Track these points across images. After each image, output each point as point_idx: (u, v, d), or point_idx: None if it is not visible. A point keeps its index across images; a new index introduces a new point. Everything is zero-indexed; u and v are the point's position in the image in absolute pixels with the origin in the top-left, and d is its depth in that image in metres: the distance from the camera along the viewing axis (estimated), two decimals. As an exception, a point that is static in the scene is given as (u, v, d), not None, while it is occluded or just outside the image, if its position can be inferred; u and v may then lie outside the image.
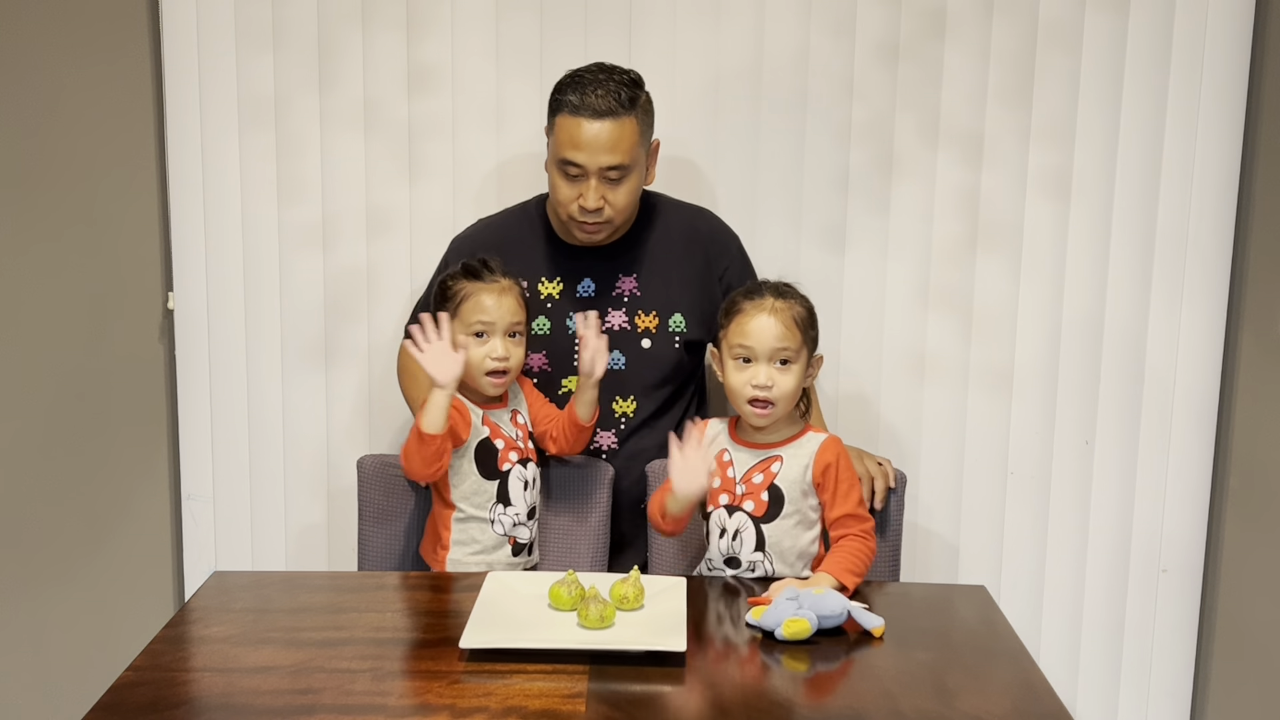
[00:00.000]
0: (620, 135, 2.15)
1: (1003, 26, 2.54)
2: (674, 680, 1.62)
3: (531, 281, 2.30)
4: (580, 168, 2.16)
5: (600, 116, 2.14)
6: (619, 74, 2.19)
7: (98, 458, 2.70)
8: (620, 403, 2.31)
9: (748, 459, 2.03)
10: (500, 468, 2.13)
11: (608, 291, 2.31)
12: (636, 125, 2.17)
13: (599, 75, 2.18)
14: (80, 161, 2.61)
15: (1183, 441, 2.65)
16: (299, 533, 2.72)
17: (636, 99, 2.18)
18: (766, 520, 1.99)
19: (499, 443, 2.14)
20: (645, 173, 2.26)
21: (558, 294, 2.31)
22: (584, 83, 2.16)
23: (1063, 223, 2.60)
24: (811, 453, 2.01)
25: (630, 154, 2.17)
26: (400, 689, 1.59)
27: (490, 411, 2.16)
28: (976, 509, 2.69)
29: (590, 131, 2.14)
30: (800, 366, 2.00)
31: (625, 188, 2.19)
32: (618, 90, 2.15)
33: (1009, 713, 1.56)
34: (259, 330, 2.66)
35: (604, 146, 2.14)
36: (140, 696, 1.57)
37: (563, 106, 2.17)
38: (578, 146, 2.15)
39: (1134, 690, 2.72)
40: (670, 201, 2.40)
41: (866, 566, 1.95)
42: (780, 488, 1.99)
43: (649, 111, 2.23)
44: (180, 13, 2.55)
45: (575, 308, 2.29)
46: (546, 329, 2.31)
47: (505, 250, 2.26)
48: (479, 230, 2.40)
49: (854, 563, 1.93)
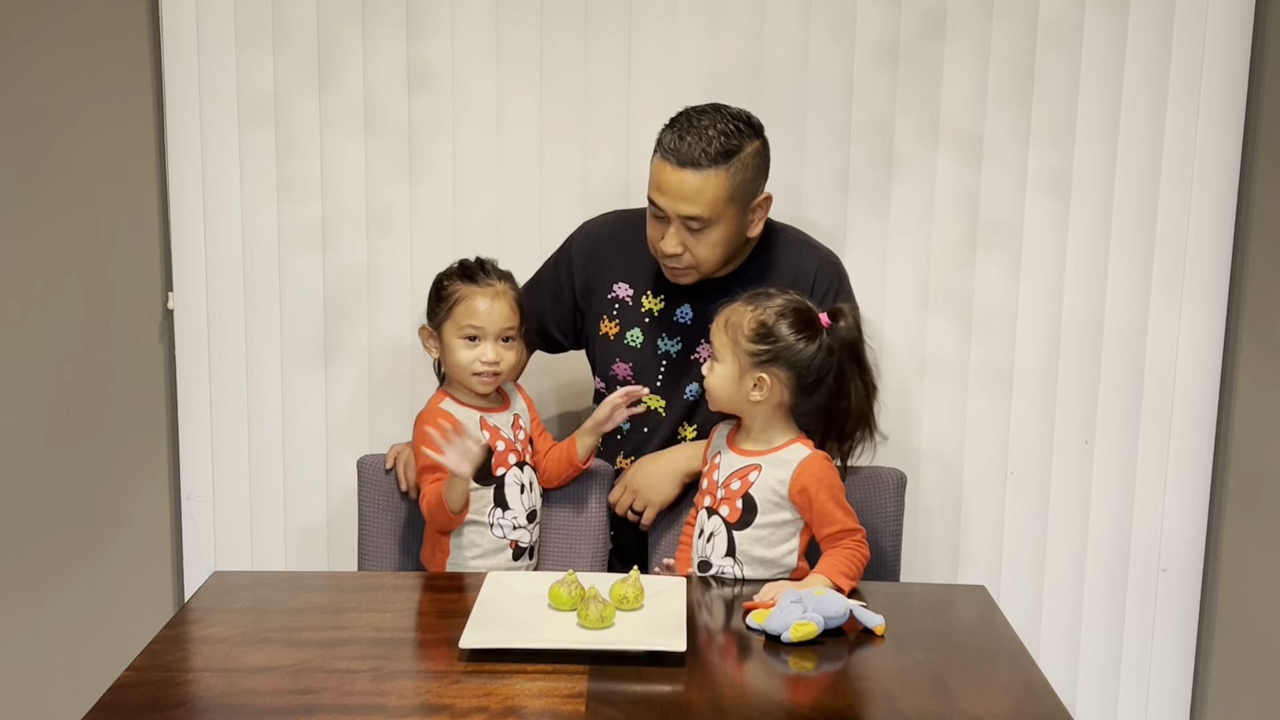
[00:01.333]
0: (702, 188, 2.05)
1: (1003, 27, 2.54)
2: (674, 680, 1.62)
3: (637, 291, 2.27)
4: (661, 209, 2.10)
5: (684, 165, 2.05)
6: (725, 121, 2.08)
7: (98, 458, 2.70)
8: (686, 428, 2.29)
9: (732, 464, 2.02)
10: (495, 472, 2.12)
11: (704, 321, 2.22)
12: (725, 179, 2.06)
13: (703, 120, 2.08)
14: (80, 161, 2.61)
15: (1183, 441, 2.65)
16: (299, 533, 2.72)
17: (734, 151, 2.07)
18: (739, 527, 1.99)
19: (499, 445, 2.12)
20: (740, 225, 2.14)
21: (658, 311, 2.27)
22: (684, 125, 2.08)
23: (1063, 223, 2.60)
24: (791, 468, 1.97)
25: (712, 208, 2.07)
26: (400, 689, 1.59)
27: (490, 415, 2.15)
28: (976, 509, 2.69)
29: (672, 179, 2.06)
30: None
31: (708, 239, 2.10)
32: (714, 140, 2.05)
33: (1009, 713, 1.56)
34: (259, 330, 2.66)
35: (684, 196, 2.06)
36: (140, 696, 1.57)
37: (658, 145, 2.10)
38: (660, 190, 2.09)
39: (1134, 690, 2.72)
40: (795, 240, 2.29)
41: (860, 570, 1.95)
42: (754, 497, 1.98)
43: (750, 165, 2.10)
44: (180, 13, 2.55)
45: (671, 331, 2.26)
46: (639, 342, 2.28)
47: (623, 250, 2.25)
48: (608, 222, 2.36)
49: (848, 566, 1.92)
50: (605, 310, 2.30)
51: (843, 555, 1.93)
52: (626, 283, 2.29)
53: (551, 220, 2.59)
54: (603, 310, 2.30)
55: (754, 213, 2.16)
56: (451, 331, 2.10)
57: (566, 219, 2.55)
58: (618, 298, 2.29)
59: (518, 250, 2.57)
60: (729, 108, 2.13)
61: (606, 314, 2.30)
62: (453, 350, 2.10)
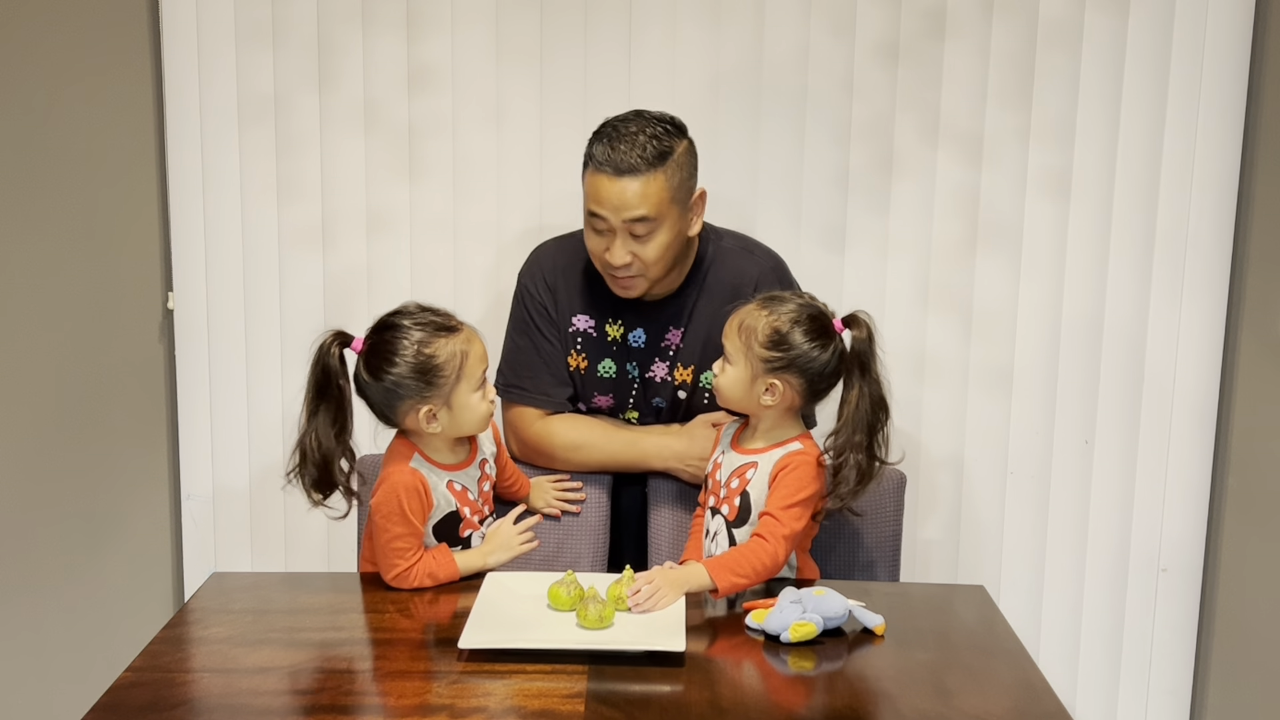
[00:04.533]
0: (644, 192, 2.05)
1: (1003, 26, 2.54)
2: (673, 680, 1.62)
3: (599, 320, 2.25)
4: (605, 220, 2.08)
5: (622, 174, 2.04)
6: (652, 126, 2.08)
7: (98, 458, 2.70)
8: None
9: (733, 463, 2.02)
10: (461, 535, 2.01)
11: (657, 343, 2.25)
12: (664, 180, 2.06)
13: (630, 128, 2.08)
14: (80, 161, 2.61)
15: (1182, 441, 2.65)
16: (299, 533, 2.72)
17: (668, 153, 2.07)
18: (737, 525, 1.99)
19: (465, 510, 2.00)
20: (683, 225, 2.13)
21: (620, 337, 2.26)
22: (612, 135, 2.07)
23: (1063, 223, 2.60)
24: (777, 461, 1.96)
25: (655, 208, 2.06)
26: (400, 689, 1.59)
27: (457, 474, 1.99)
28: (976, 509, 2.69)
29: (612, 189, 2.05)
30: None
31: (655, 242, 2.09)
32: (645, 145, 2.05)
33: (1009, 713, 1.56)
34: (259, 330, 2.66)
35: (626, 203, 2.05)
36: (140, 697, 1.57)
37: (590, 159, 2.09)
38: (600, 202, 2.07)
39: (1134, 690, 2.72)
40: (734, 250, 2.26)
41: (755, 571, 1.85)
42: (750, 495, 1.98)
43: (684, 164, 2.10)
44: (180, 13, 2.56)
45: (630, 355, 2.25)
46: (612, 372, 2.27)
47: (572, 281, 2.22)
48: (546, 253, 2.30)
49: (738, 563, 1.85)
50: (570, 345, 2.27)
51: (740, 550, 1.88)
52: (585, 314, 2.26)
53: (551, 220, 2.59)
54: (568, 345, 2.28)
55: (692, 210, 2.15)
56: (466, 391, 1.92)
57: (566, 219, 2.55)
58: (579, 330, 2.26)
59: (518, 250, 2.56)
60: (649, 112, 2.13)
61: (573, 348, 2.27)
62: (469, 409, 1.93)
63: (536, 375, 2.26)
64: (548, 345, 2.26)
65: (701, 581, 1.84)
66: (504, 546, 1.98)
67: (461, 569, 1.95)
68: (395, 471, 1.94)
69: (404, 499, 1.91)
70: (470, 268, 2.63)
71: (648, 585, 1.80)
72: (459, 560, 1.95)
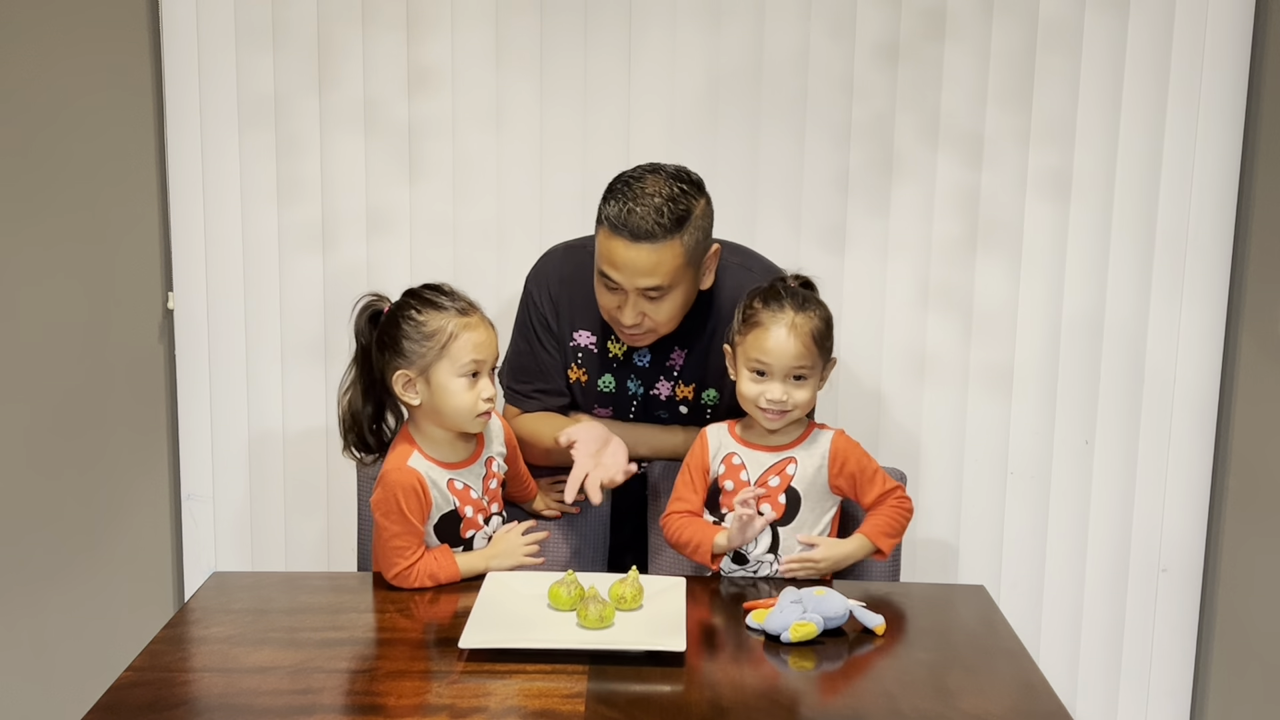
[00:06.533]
0: (659, 261, 1.98)
1: (1003, 27, 2.54)
2: (673, 680, 1.62)
3: (601, 338, 2.22)
4: (618, 284, 2.02)
5: (638, 240, 1.97)
6: (668, 185, 2.00)
7: (97, 457, 2.70)
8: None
9: (762, 461, 2.02)
10: (464, 535, 1.99)
11: (662, 362, 2.22)
12: (680, 247, 1.99)
13: (646, 189, 1.99)
14: (80, 162, 2.61)
15: (1183, 441, 2.65)
16: (299, 533, 2.72)
17: (685, 217, 1.99)
18: (784, 523, 1.99)
19: (467, 509, 1.98)
20: (695, 283, 2.08)
21: (622, 355, 2.23)
22: (628, 195, 1.99)
23: (1063, 223, 2.60)
24: (824, 453, 2.00)
25: (670, 276, 2.00)
26: (400, 689, 1.59)
27: (459, 473, 1.98)
28: (976, 509, 2.69)
29: (627, 255, 1.98)
30: (815, 379, 1.97)
31: (666, 304, 2.04)
32: (662, 208, 1.97)
33: (1009, 713, 1.56)
34: (259, 330, 2.66)
35: (641, 271, 1.98)
36: (140, 697, 1.57)
37: (604, 220, 2.01)
38: (614, 266, 2.00)
39: (1134, 690, 2.72)
40: (729, 265, 2.19)
41: (902, 528, 2.01)
42: (798, 490, 1.99)
43: (701, 226, 2.03)
44: (180, 13, 2.56)
45: (634, 374, 2.23)
46: (612, 386, 2.25)
47: (576, 295, 2.20)
48: (554, 261, 2.26)
49: (889, 525, 1.99)
50: (570, 358, 2.26)
51: (884, 516, 2.00)
52: (587, 330, 2.24)
53: (551, 220, 2.59)
54: (569, 359, 2.26)
55: (706, 266, 2.11)
56: (448, 372, 1.90)
57: (566, 219, 2.56)
58: (580, 345, 2.25)
59: (518, 250, 2.57)
60: (666, 167, 2.06)
61: (573, 361, 2.26)
62: (450, 394, 1.90)
63: (532, 381, 2.27)
64: (546, 356, 2.26)
65: (866, 550, 1.99)
66: (508, 553, 1.97)
67: (463, 571, 1.95)
68: (393, 470, 1.94)
69: (401, 498, 1.91)
70: (470, 268, 2.63)
71: (813, 562, 1.95)
72: (461, 562, 1.95)
